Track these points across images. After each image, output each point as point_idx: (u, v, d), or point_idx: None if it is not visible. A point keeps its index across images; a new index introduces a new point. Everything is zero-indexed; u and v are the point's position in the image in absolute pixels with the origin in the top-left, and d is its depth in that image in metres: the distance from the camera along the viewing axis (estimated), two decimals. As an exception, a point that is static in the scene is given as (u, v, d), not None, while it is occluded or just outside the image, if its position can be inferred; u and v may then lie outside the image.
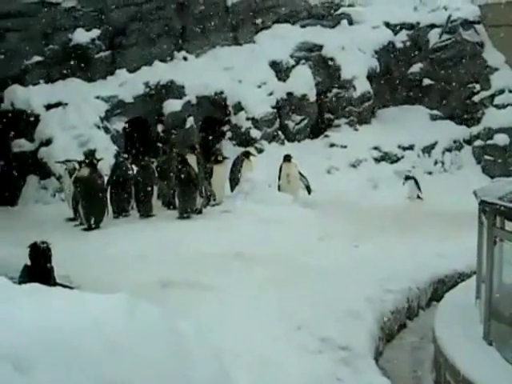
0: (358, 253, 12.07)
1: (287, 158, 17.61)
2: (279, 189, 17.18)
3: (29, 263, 6.62)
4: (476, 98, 23.92)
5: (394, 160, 21.95)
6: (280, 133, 21.49)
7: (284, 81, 21.91)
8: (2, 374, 3.32)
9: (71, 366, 3.50)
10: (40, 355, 3.46)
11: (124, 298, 4.13)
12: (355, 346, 7.80)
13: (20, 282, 6.10)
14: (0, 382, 3.31)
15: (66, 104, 18.30)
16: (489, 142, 23.24)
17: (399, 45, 24.13)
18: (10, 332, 3.50)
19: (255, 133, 20.77)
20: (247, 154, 17.65)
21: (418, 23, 24.37)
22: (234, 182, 16.98)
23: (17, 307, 3.74)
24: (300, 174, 17.63)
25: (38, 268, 6.53)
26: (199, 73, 20.43)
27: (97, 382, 3.52)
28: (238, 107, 20.88)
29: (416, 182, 19.82)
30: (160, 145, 18.98)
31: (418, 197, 19.71)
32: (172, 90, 19.92)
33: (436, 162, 22.81)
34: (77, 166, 15.18)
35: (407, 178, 20.01)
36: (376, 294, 9.69)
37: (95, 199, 14.24)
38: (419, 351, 9.32)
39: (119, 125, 19.05)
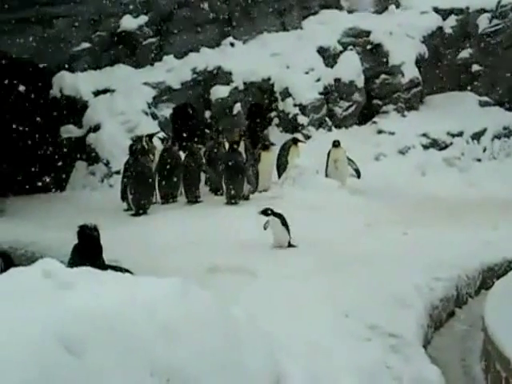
0: (407, 240, 11.96)
1: (335, 144, 17.51)
2: (327, 175, 17.10)
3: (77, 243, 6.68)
4: (526, 84, 23.54)
5: (443, 147, 21.64)
6: (327, 119, 21.35)
7: (331, 67, 21.76)
8: (55, 357, 3.36)
9: (124, 350, 3.52)
10: (93, 339, 3.50)
11: (177, 282, 4.14)
12: (404, 333, 7.73)
13: (70, 264, 6.16)
14: (53, 365, 3.35)
15: (114, 90, 18.42)
16: (539, 129, 22.88)
17: (448, 30, 23.75)
18: (64, 315, 3.53)
19: (302, 119, 20.67)
20: (295, 141, 17.60)
21: (468, 8, 23.94)
22: (282, 168, 16.95)
23: (70, 290, 3.77)
24: (348, 158, 17.55)
25: (88, 249, 6.58)
26: (246, 59, 20.40)
27: (149, 366, 3.54)
28: (286, 93, 20.78)
29: (283, 220, 11.31)
30: (208, 131, 19.02)
31: (290, 244, 11.31)
32: (219, 76, 19.91)
33: (485, 149, 22.44)
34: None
35: (266, 212, 11.34)
36: (425, 281, 9.59)
37: (143, 184, 14.32)
38: (468, 340, 9.20)
39: (167, 111, 19.11)
